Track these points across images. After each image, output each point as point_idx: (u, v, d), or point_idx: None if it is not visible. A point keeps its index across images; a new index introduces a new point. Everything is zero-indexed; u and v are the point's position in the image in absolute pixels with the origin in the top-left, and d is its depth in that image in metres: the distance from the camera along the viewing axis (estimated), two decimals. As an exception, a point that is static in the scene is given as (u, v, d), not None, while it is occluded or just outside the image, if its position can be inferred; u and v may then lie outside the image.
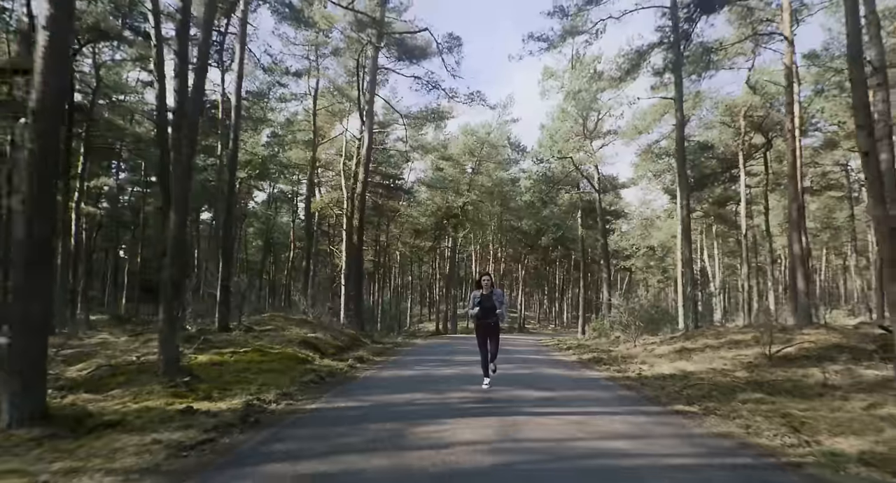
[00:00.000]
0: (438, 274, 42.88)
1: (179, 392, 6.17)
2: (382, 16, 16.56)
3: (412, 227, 37.29)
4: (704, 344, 11.91)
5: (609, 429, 4.89)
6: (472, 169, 33.25)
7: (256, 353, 8.97)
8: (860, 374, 7.83)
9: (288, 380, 7.47)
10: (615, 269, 55.04)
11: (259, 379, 7.29)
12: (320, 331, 12.84)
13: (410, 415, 5.48)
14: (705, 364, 9.57)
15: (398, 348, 14.84)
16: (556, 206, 29.52)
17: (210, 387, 6.55)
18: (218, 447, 4.25)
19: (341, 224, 31.08)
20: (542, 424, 5.01)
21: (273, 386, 6.89)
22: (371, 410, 5.73)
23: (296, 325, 12.91)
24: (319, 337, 11.72)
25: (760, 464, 3.83)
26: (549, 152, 23.32)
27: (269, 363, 8.43)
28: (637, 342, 13.77)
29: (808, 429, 4.78)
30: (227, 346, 9.45)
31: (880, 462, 3.83)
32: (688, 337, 13.20)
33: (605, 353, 12.64)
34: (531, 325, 49.27)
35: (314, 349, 10.44)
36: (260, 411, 5.63)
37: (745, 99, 19.59)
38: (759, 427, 4.87)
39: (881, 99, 8.70)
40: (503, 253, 46.09)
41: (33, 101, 4.49)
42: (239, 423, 5.10)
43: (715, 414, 5.49)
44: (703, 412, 5.62)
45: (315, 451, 4.07)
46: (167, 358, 6.79)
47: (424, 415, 5.43)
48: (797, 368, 8.39)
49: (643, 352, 12.21)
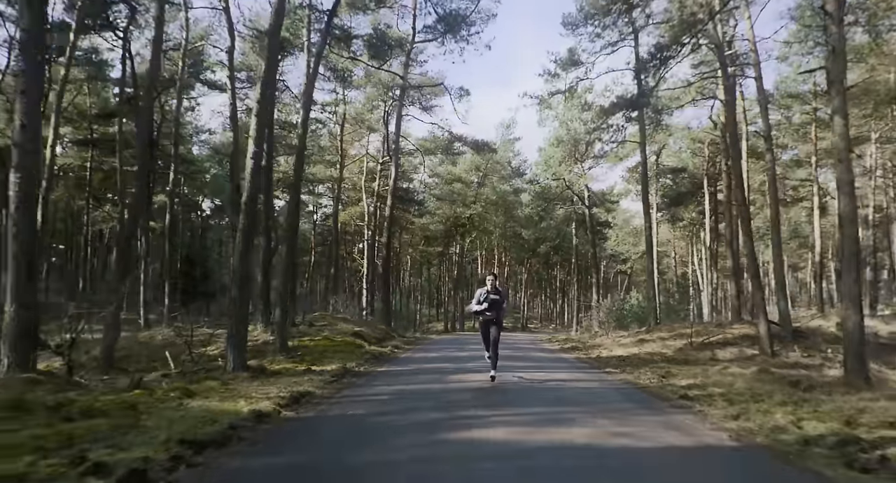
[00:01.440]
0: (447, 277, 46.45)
1: (296, 360, 9.83)
2: (406, 72, 20.24)
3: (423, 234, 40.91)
4: (658, 336, 15.49)
5: (559, 376, 8.54)
6: (477, 182, 36.87)
7: (326, 341, 12.65)
8: (744, 353, 11.42)
9: (355, 356, 11.12)
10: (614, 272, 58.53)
11: (337, 356, 10.94)
12: (360, 326, 16.52)
13: (442, 371, 9.13)
14: (648, 349, 13.15)
15: (420, 340, 18.51)
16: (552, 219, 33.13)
17: (311, 358, 10.21)
18: (342, 384, 7.89)
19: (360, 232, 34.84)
20: (521, 376, 8.63)
21: (348, 359, 10.52)
22: (418, 370, 9.39)
23: (341, 322, 16.59)
24: (363, 331, 15.40)
25: (630, 388, 7.45)
26: (544, 175, 26.96)
27: (337, 346, 12.11)
28: (610, 335, 17.35)
29: (672, 377, 8.36)
30: (303, 335, 13.12)
31: (693, 386, 7.39)
32: (648, 331, 16.78)
33: (582, 344, 16.24)
34: (533, 324, 52.71)
35: (362, 338, 14.10)
36: (351, 371, 9.27)
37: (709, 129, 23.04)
38: (644, 377, 8.47)
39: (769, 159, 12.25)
40: (507, 257, 49.64)
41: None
42: (342, 376, 8.74)
43: (625, 372, 9.11)
44: (619, 371, 9.24)
45: (397, 382, 7.73)
46: (282, 341, 10.48)
47: (450, 371, 9.06)
48: (706, 351, 11.98)
49: (611, 342, 15.79)
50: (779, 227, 12.53)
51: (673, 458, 4.03)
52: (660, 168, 25.94)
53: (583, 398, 6.64)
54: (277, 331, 10.45)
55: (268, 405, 5.56)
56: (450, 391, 7.04)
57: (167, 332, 14.96)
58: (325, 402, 6.21)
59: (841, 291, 7.84)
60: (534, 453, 3.96)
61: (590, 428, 4.78)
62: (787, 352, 10.97)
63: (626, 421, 5.14)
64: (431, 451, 4.10)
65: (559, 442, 4.31)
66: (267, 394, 6.27)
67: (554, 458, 3.88)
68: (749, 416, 5.11)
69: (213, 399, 5.83)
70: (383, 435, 4.66)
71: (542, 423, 5.02)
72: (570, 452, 4.03)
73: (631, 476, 3.56)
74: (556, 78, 19.01)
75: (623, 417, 5.32)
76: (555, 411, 5.67)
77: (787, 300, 13.71)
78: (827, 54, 7.53)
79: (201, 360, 10.04)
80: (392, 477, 3.45)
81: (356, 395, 6.78)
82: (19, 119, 5.38)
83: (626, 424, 4.97)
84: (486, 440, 4.35)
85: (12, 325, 5.35)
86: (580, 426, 4.86)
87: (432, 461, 3.84)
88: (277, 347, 10.41)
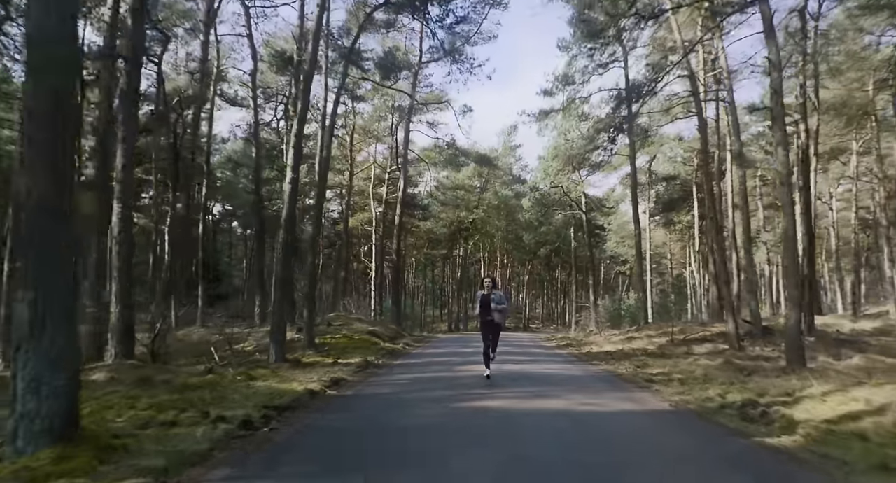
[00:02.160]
0: (451, 279, 47.91)
1: (323, 355, 11.33)
2: (414, 91, 21.79)
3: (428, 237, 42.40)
4: (646, 334, 16.93)
5: (550, 366, 10.01)
6: (480, 187, 38.37)
7: (345, 338, 14.16)
8: (717, 348, 12.85)
9: (373, 352, 12.62)
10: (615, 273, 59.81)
11: (357, 351, 12.43)
12: (374, 326, 18.03)
13: (449, 363, 10.62)
14: (635, 345, 14.59)
15: (427, 339, 20.01)
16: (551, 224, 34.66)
17: (336, 353, 11.71)
18: (367, 373, 9.39)
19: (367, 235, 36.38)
20: (518, 366, 10.11)
21: (368, 354, 12.01)
22: (429, 362, 10.89)
23: (356, 322, 18.10)
24: (377, 330, 16.91)
25: (608, 375, 8.93)
26: (543, 183, 28.49)
27: (356, 343, 13.61)
28: (603, 334, 18.80)
29: (646, 367, 9.82)
30: (324, 334, 14.62)
31: (660, 374, 8.85)
32: (638, 330, 18.22)
33: (576, 342, 17.70)
34: (535, 325, 54.11)
35: (377, 337, 15.60)
36: (372, 364, 10.77)
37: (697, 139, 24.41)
38: (622, 367, 9.94)
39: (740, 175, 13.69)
40: (509, 259, 51.09)
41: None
42: (365, 367, 10.24)
43: (608, 363, 10.59)
44: (603, 363, 10.72)
45: (413, 372, 9.23)
46: (310, 338, 11.99)
47: (456, 363, 10.54)
48: (684, 346, 13.42)
49: (603, 340, 17.24)
50: (749, 236, 13.97)
51: (622, 417, 5.52)
52: (653, 176, 27.41)
53: (566, 382, 8.13)
54: (305, 329, 11.96)
55: (315, 386, 7.07)
56: (457, 377, 8.54)
57: (200, 330, 16.53)
58: (358, 385, 7.73)
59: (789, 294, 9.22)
60: (522, 414, 5.46)
61: (566, 400, 6.27)
62: (754, 346, 12.37)
63: (595, 396, 6.63)
64: (446, 413, 5.61)
65: (542, 408, 5.81)
66: (310, 379, 7.78)
67: (537, 416, 5.39)
68: (691, 393, 6.60)
69: (272, 381, 7.34)
70: (409, 405, 6.16)
71: (530, 397, 6.52)
72: (549, 413, 5.53)
73: (587, 426, 5.05)
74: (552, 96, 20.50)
75: (594, 393, 6.81)
76: (541, 390, 7.16)
77: (757, 301, 15.14)
78: (771, 95, 8.98)
79: (240, 354, 11.57)
80: (419, 427, 4.95)
81: (381, 381, 8.30)
82: (121, 161, 6.91)
83: (594, 398, 6.47)
84: (487, 407, 5.84)
85: (118, 322, 6.87)
86: (559, 399, 6.35)
87: (447, 417, 5.35)
88: (306, 344, 11.91)
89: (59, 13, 3.51)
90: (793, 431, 4.44)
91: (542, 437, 4.54)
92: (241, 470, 3.61)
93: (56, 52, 3.50)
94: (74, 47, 4.08)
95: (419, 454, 4.00)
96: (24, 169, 3.50)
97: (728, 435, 4.59)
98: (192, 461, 3.71)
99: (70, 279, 3.66)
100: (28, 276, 3.43)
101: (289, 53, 21.05)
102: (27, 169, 3.46)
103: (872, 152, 23.14)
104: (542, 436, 4.60)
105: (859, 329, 15.25)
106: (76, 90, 3.87)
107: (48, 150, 3.51)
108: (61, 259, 3.54)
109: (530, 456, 3.90)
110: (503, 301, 8.08)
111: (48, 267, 3.47)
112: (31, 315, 3.40)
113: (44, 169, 3.49)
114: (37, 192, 3.44)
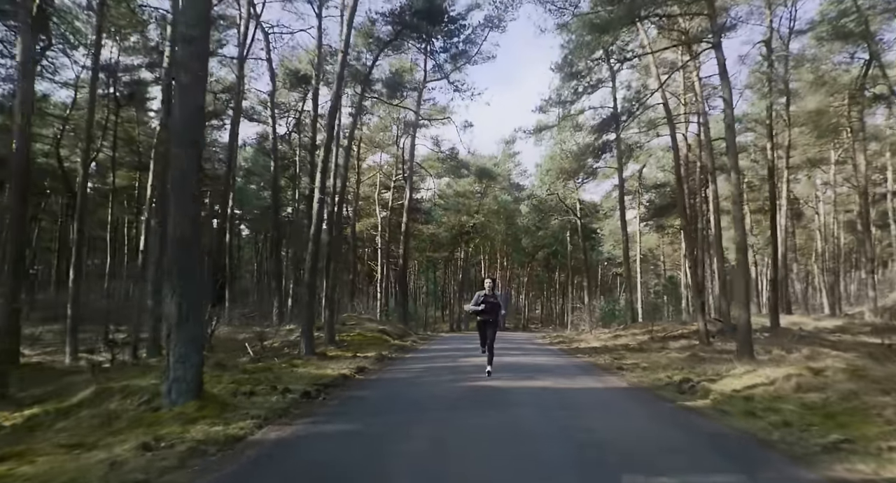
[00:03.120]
0: (453, 281, 49.56)
1: (343, 349, 12.99)
2: (419, 108, 23.51)
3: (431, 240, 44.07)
4: (631, 332, 18.56)
5: (540, 359, 11.67)
6: (480, 193, 40.06)
7: (360, 336, 15.82)
8: (690, 343, 14.49)
9: (386, 347, 14.28)
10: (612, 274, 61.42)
11: (372, 347, 14.08)
12: (383, 325, 19.69)
13: (453, 356, 12.27)
14: (619, 342, 16.23)
15: (432, 337, 21.67)
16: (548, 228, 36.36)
17: (354, 348, 13.37)
18: (384, 363, 11.04)
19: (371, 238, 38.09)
20: (512, 359, 11.76)
21: (381, 349, 13.66)
22: (435, 356, 12.54)
23: (367, 322, 19.76)
24: (387, 328, 18.57)
25: (587, 364, 10.58)
26: (541, 190, 30.21)
27: (370, 340, 15.27)
28: (593, 332, 20.44)
29: (622, 359, 11.45)
30: (340, 332, 16.27)
31: (631, 364, 10.48)
32: (625, 328, 19.85)
33: (568, 339, 19.34)
34: (534, 325, 55.75)
35: (387, 335, 17.26)
36: (387, 357, 12.42)
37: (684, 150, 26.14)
38: (602, 359, 11.58)
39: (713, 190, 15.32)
40: (509, 261, 52.75)
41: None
42: (381, 359, 11.89)
43: (591, 356, 12.24)
44: (586, 356, 12.37)
45: (422, 363, 10.89)
46: (330, 335, 13.65)
47: (459, 357, 12.18)
48: (662, 342, 15.06)
49: (592, 337, 18.88)
50: (721, 242, 15.62)
51: (589, 391, 7.18)
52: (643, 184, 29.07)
53: (551, 369, 9.79)
54: (326, 327, 13.60)
55: (346, 371, 8.74)
56: (460, 367, 10.19)
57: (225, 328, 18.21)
58: (379, 372, 9.40)
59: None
60: (513, 389, 7.13)
61: (548, 381, 7.93)
62: (720, 341, 13.99)
63: (572, 378, 8.30)
64: (453, 388, 7.28)
65: (529, 386, 7.48)
66: (339, 367, 9.44)
67: (524, 390, 7.05)
68: (648, 376, 8.26)
69: (310, 368, 9.00)
70: (423, 384, 7.83)
71: (520, 379, 8.18)
72: (534, 389, 7.19)
73: (561, 395, 6.71)
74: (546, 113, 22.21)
75: (572, 377, 8.48)
76: (530, 375, 8.81)
77: (728, 302, 16.78)
78: (725, 128, 10.63)
79: (270, 349, 13.24)
80: (433, 395, 6.61)
81: (397, 369, 9.97)
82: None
83: (572, 380, 8.13)
84: (485, 385, 7.49)
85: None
86: (543, 380, 8.02)
87: (454, 391, 7.02)
88: (327, 340, 13.55)
89: (190, 112, 5.20)
90: (706, 397, 6.11)
91: (526, 401, 6.20)
92: (313, 419, 5.28)
93: (190, 135, 5.18)
94: (201, 134, 5.75)
95: (434, 409, 5.67)
96: (170, 216, 5.18)
97: (660, 400, 6.25)
98: (278, 413, 5.38)
99: (198, 288, 5.34)
100: (174, 285, 5.10)
101: (302, 73, 22.76)
102: (172, 216, 5.14)
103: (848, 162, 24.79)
104: (526, 400, 6.26)
105: (822, 327, 16.87)
106: (199, 159, 5.44)
107: (184, 202, 5.20)
108: (194, 274, 5.23)
109: (516, 409, 5.57)
110: (502, 302, 8.29)
111: (186, 280, 5.15)
112: (177, 312, 5.07)
113: (181, 215, 5.17)
114: (179, 231, 5.12)
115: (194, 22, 4.92)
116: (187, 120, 4.99)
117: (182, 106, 5.05)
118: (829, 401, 5.19)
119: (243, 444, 4.25)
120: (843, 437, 4.08)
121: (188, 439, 4.15)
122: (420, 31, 16.43)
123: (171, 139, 5.48)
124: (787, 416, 4.86)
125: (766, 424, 4.73)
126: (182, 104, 5.05)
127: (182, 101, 5.05)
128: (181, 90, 5.04)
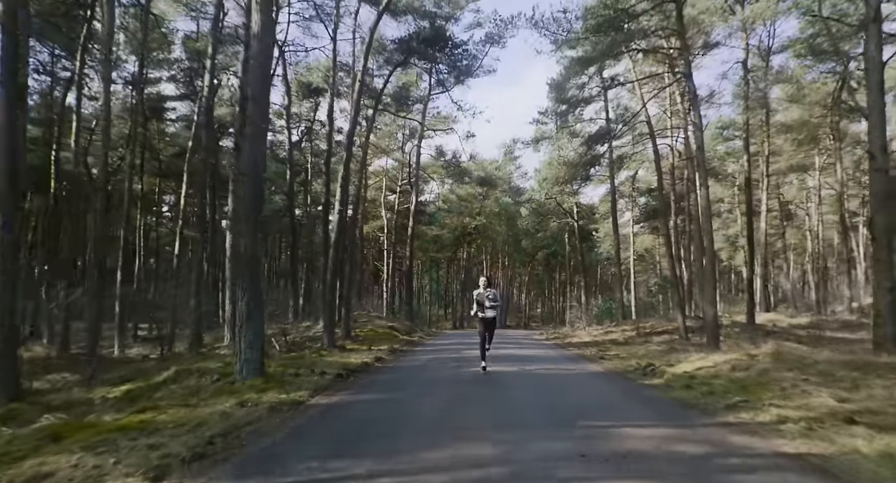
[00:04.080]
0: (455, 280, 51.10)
1: (358, 343, 14.53)
2: (424, 118, 25.06)
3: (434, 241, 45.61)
4: (622, 329, 20.05)
5: (534, 351, 13.20)
6: (482, 195, 41.59)
7: (372, 332, 17.36)
8: (672, 338, 15.98)
9: (396, 342, 15.81)
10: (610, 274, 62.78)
11: (383, 341, 15.61)
12: (392, 322, 21.24)
13: (457, 349, 13.80)
14: (609, 337, 17.73)
15: (436, 334, 23.21)
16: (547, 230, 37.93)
17: (368, 342, 14.90)
18: (398, 354, 12.57)
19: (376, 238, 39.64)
20: (509, 351, 13.27)
21: (392, 343, 15.19)
22: (441, 349, 14.08)
23: (377, 319, 21.31)
24: (396, 325, 20.12)
25: (574, 355, 12.10)
26: (539, 195, 31.76)
27: (381, 336, 16.81)
28: (587, 329, 21.93)
29: (606, 351, 12.95)
30: (353, 328, 17.81)
31: (613, 355, 11.99)
32: (616, 325, 21.35)
33: (563, 335, 20.85)
34: (535, 323, 57.28)
35: (396, 331, 18.80)
36: (398, 350, 13.95)
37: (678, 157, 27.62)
38: (588, 351, 13.09)
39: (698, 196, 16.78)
40: (510, 261, 54.26)
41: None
42: (393, 352, 13.41)
43: (578, 349, 13.75)
44: (576, 349, 13.89)
45: (430, 354, 12.43)
46: (346, 330, 15.19)
47: (463, 349, 13.69)
48: (646, 337, 16.55)
49: (585, 333, 20.38)
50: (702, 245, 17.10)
51: (572, 374, 8.71)
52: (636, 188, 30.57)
53: (541, 358, 11.32)
54: (343, 324, 15.14)
55: (367, 360, 10.28)
56: (463, 357, 11.71)
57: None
58: (393, 361, 10.94)
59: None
60: (508, 373, 8.65)
61: (539, 368, 9.45)
62: (698, 336, 15.47)
63: (558, 365, 9.83)
64: (458, 373, 8.81)
65: (522, 371, 9.01)
66: (360, 357, 10.97)
67: (517, 374, 8.59)
68: (622, 363, 9.77)
69: (336, 358, 10.54)
70: (432, 370, 9.37)
71: (515, 365, 9.70)
72: (526, 372, 8.72)
73: (547, 377, 8.23)
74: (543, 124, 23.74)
75: (557, 364, 10.01)
76: (523, 363, 10.32)
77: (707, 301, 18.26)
78: (695, 149, 12.11)
79: (293, 343, 14.80)
80: (441, 378, 8.14)
81: (409, 359, 11.51)
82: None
83: (557, 366, 9.66)
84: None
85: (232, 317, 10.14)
86: (535, 366, 9.54)
87: (458, 374, 8.56)
88: (344, 335, 15.09)
89: (255, 157, 6.74)
90: (661, 378, 7.62)
91: (518, 381, 7.73)
92: (350, 391, 6.81)
93: (256, 175, 6.72)
94: (262, 172, 7.29)
95: (443, 385, 7.21)
96: (242, 236, 6.73)
97: (625, 380, 7.78)
98: (322, 389, 6.91)
99: (262, 292, 6.89)
100: (244, 291, 6.64)
101: (314, 85, 24.31)
102: (244, 235, 6.68)
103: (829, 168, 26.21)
104: (518, 380, 7.80)
105: (795, 323, 18.35)
106: (263, 193, 6.97)
107: (252, 227, 6.74)
108: (258, 282, 6.78)
109: (507, 382, 7.10)
110: (497, 298, 9.08)
111: (253, 286, 6.69)
112: (246, 310, 6.61)
113: (250, 236, 6.71)
114: (249, 250, 6.66)
115: (259, 87, 6.43)
116: (254, 164, 6.52)
117: (250, 152, 6.57)
118: (749, 377, 6.70)
119: (304, 406, 5.79)
120: (744, 399, 5.59)
121: (265, 402, 5.69)
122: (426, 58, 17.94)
123: (241, 179, 7.01)
124: (714, 388, 6.36)
125: (697, 394, 6.24)
126: (250, 151, 6.58)
127: (250, 148, 6.57)
128: (249, 139, 6.55)
